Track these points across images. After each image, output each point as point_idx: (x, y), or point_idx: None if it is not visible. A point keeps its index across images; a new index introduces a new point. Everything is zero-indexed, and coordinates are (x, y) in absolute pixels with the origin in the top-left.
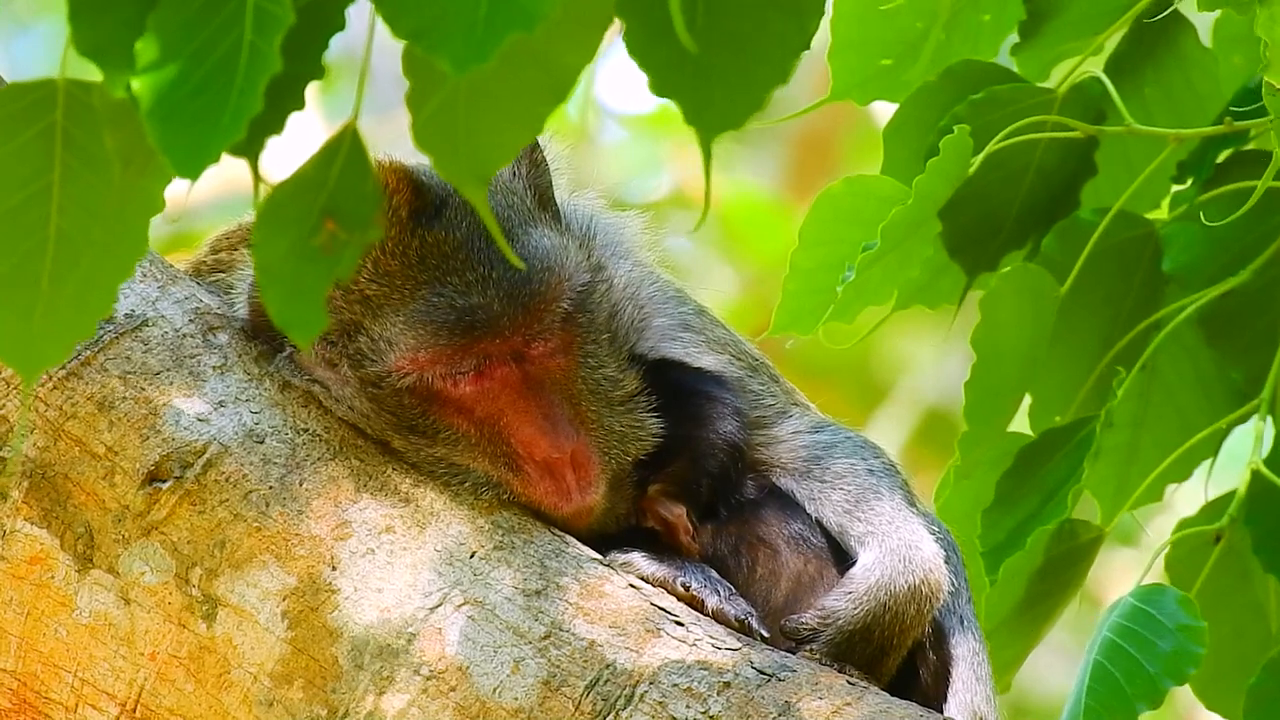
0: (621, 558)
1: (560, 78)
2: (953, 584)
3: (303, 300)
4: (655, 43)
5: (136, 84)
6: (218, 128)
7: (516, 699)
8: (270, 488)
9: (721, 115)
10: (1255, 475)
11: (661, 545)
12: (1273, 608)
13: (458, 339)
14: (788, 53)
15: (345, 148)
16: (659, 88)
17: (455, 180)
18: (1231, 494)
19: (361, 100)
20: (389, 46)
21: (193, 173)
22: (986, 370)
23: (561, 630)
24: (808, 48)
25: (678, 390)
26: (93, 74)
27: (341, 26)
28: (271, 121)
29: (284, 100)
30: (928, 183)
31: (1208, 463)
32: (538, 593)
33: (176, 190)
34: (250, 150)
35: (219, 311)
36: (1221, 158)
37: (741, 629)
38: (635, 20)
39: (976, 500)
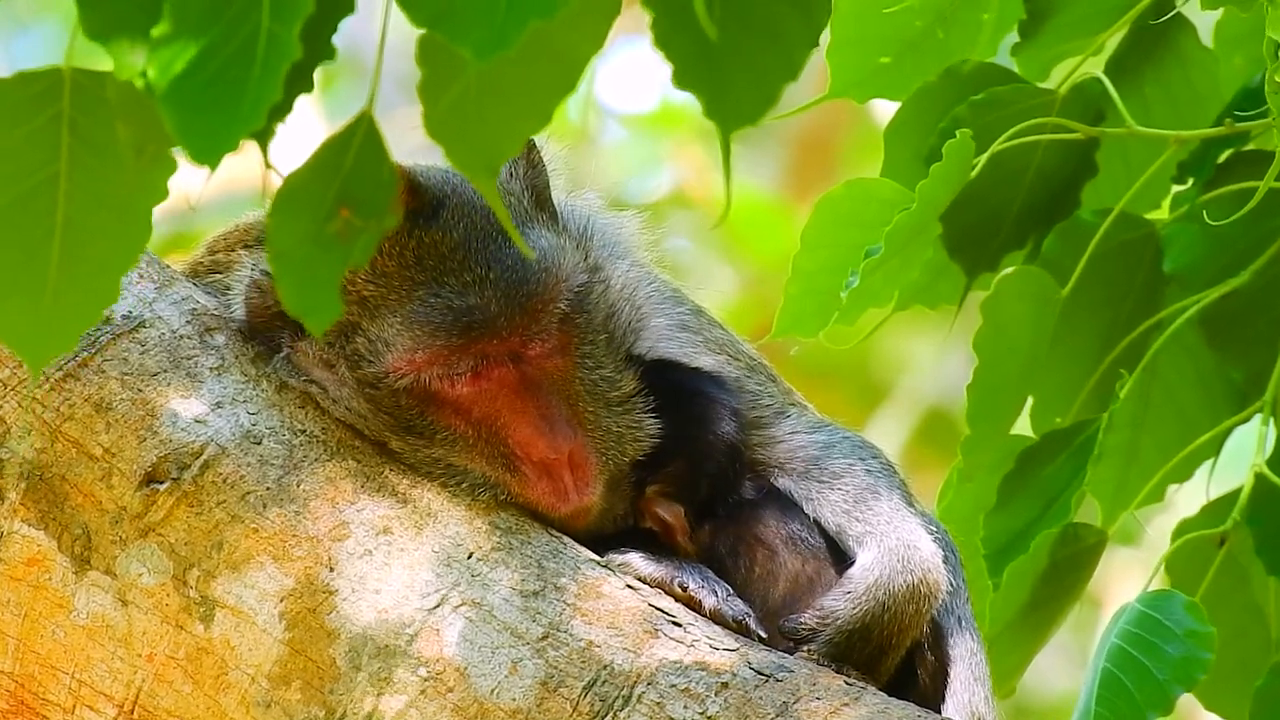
0: (619, 558)
1: (569, 68)
2: (951, 584)
3: (317, 288)
4: (679, 35)
5: (152, 71)
6: (237, 115)
7: (514, 700)
8: (268, 489)
9: (739, 109)
10: (1258, 478)
11: (659, 546)
12: (1272, 609)
13: (455, 340)
14: (797, 48)
15: (360, 134)
16: (681, 80)
17: (465, 170)
18: (1232, 495)
19: (377, 86)
20: (391, 46)
21: (212, 160)
22: (988, 373)
23: (559, 631)
24: (816, 45)
25: (675, 391)
26: (98, 64)
27: (352, 9)
28: (282, 106)
29: (294, 84)
30: (930, 187)
31: (1209, 463)
32: (535, 593)
33: (186, 184)
34: (261, 135)
35: (216, 312)
36: (1222, 158)
37: (739, 629)
38: (661, 11)
39: (979, 503)
